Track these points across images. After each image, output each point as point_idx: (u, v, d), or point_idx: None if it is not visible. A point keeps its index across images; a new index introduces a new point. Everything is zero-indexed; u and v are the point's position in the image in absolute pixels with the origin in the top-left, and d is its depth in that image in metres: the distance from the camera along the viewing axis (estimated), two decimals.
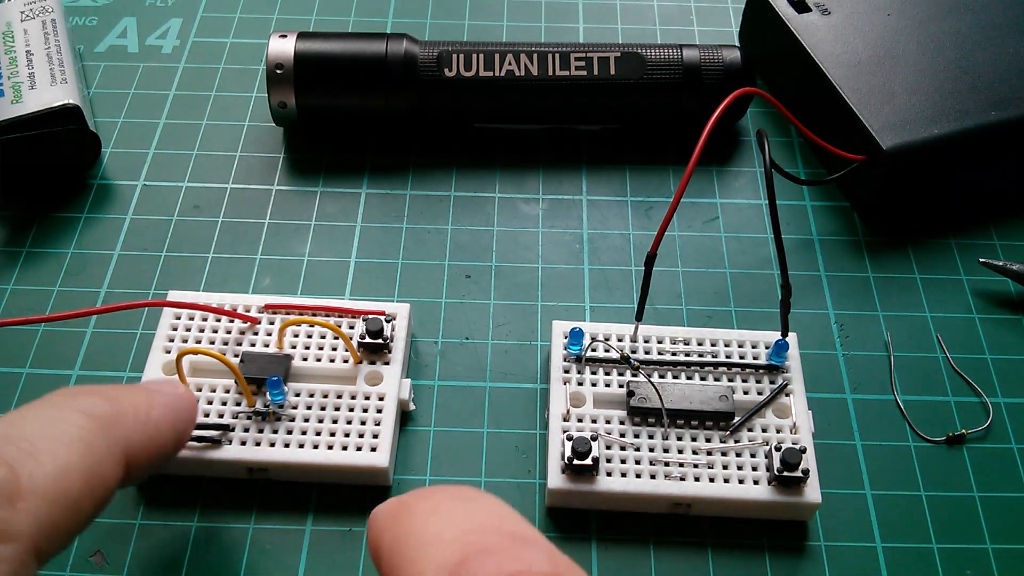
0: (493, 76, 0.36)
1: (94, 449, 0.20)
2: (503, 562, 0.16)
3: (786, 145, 0.38)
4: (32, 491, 0.18)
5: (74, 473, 0.19)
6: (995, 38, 0.36)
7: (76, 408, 0.21)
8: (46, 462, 0.19)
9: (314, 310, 0.30)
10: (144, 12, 0.43)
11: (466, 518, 0.18)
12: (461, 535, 0.17)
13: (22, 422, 0.20)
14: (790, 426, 0.28)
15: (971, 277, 0.34)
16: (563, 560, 0.17)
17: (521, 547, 0.17)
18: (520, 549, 0.17)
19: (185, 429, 0.24)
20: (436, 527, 0.18)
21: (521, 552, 0.16)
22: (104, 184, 0.36)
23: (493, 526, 0.18)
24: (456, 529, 0.17)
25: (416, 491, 0.20)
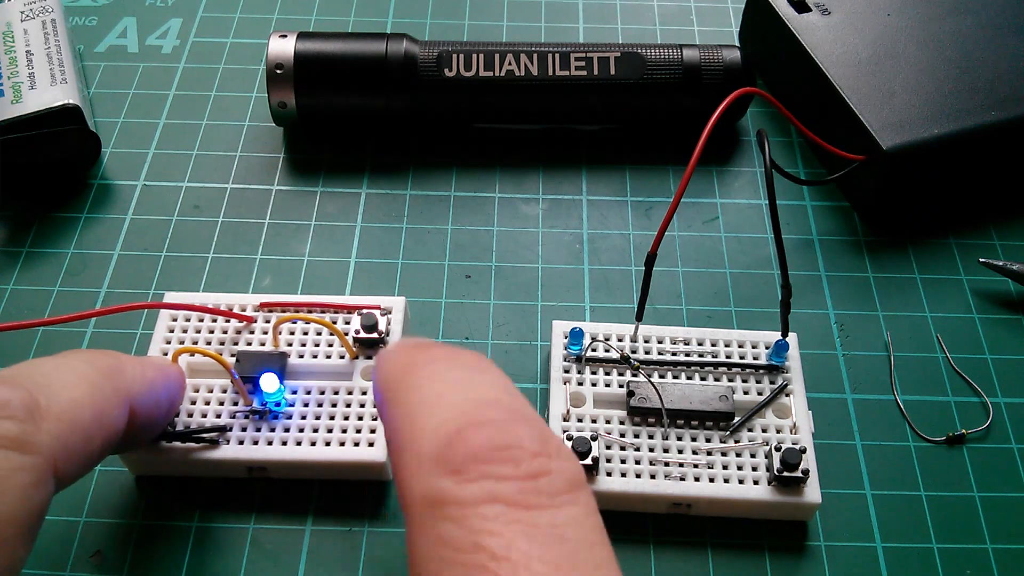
0: (493, 76, 0.36)
1: (101, 389, 0.22)
2: (496, 435, 0.17)
3: (786, 145, 0.38)
4: (49, 413, 0.20)
5: (85, 407, 0.21)
6: (995, 38, 0.36)
7: (82, 358, 0.23)
8: (60, 392, 0.21)
9: (309, 307, 0.30)
10: (144, 12, 0.43)
11: (469, 388, 0.19)
12: (461, 403, 0.18)
13: (35, 364, 0.22)
14: (790, 426, 0.28)
15: (971, 277, 0.34)
16: (554, 441, 0.18)
17: (516, 422, 0.18)
18: (515, 424, 0.18)
19: (175, 395, 0.27)
20: (440, 392, 0.19)
21: (515, 427, 0.17)
22: (104, 184, 0.36)
23: (493, 399, 0.18)
24: (458, 397, 0.18)
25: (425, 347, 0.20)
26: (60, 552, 0.27)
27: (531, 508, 0.16)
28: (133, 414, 0.23)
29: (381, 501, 0.28)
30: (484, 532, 0.16)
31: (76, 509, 0.28)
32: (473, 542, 0.16)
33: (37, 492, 0.20)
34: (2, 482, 0.19)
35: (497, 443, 0.17)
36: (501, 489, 0.16)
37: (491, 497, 0.16)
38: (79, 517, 0.28)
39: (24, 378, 0.21)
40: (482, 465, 0.17)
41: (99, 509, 0.28)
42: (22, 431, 0.20)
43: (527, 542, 0.16)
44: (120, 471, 0.28)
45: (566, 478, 0.17)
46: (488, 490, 0.16)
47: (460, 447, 0.17)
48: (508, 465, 0.17)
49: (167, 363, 0.27)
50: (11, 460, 0.19)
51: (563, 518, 0.16)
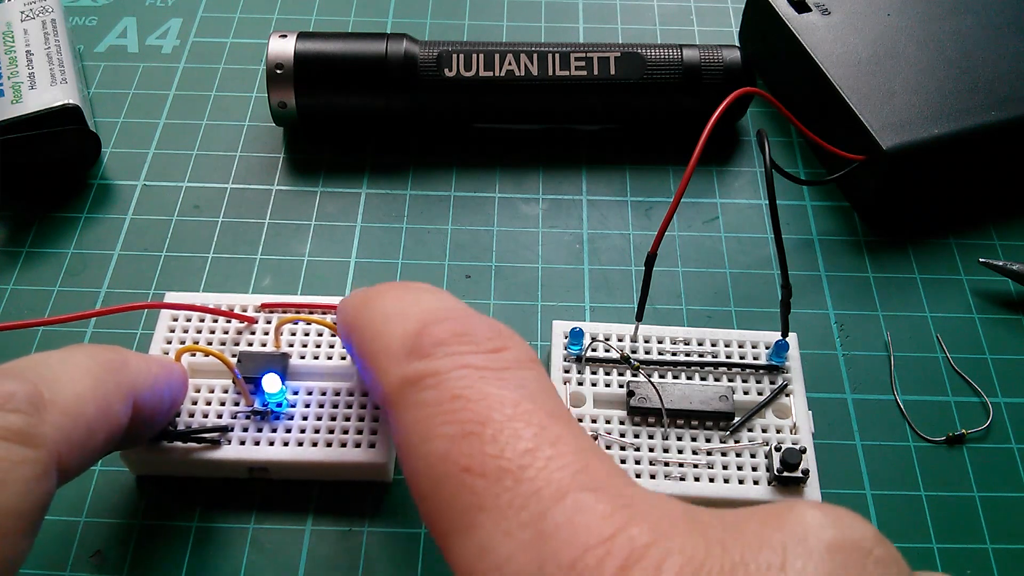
0: (493, 76, 0.36)
1: (105, 384, 0.22)
2: (455, 326, 0.20)
3: (786, 145, 0.38)
4: (54, 407, 0.21)
5: (89, 401, 0.21)
6: (995, 38, 0.36)
7: (86, 352, 0.23)
8: (65, 386, 0.21)
9: (310, 308, 0.30)
10: (144, 12, 0.43)
11: (424, 302, 0.22)
12: (420, 312, 0.21)
13: (40, 357, 0.22)
14: (790, 426, 0.28)
15: (971, 277, 0.34)
16: (507, 330, 0.21)
17: (471, 318, 0.21)
18: (470, 319, 0.21)
19: (178, 393, 0.27)
20: (400, 306, 0.22)
21: (471, 321, 0.21)
22: (104, 184, 0.36)
23: (448, 307, 0.22)
24: (417, 307, 0.22)
25: (379, 284, 0.24)
26: (60, 552, 0.27)
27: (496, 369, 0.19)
28: (136, 410, 0.24)
29: (381, 501, 0.28)
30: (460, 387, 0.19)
31: (76, 509, 0.28)
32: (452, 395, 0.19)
33: (40, 485, 0.20)
34: (6, 474, 0.19)
35: (457, 331, 0.20)
36: (468, 360, 0.19)
37: (461, 365, 0.19)
38: (79, 517, 0.28)
39: (29, 371, 0.21)
40: (447, 347, 0.20)
41: (99, 509, 0.28)
42: (26, 424, 0.20)
43: (497, 388, 0.19)
44: (120, 471, 0.28)
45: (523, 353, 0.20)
46: (457, 361, 0.19)
47: (426, 338, 0.20)
48: (470, 345, 0.20)
49: (170, 361, 0.27)
50: (15, 453, 0.19)
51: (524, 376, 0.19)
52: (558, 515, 0.16)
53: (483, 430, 0.18)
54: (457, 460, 0.18)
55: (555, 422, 0.18)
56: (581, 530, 0.16)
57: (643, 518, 0.16)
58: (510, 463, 0.17)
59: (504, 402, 0.18)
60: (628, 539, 0.15)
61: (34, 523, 0.20)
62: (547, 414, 0.18)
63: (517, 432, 0.18)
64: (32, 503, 0.19)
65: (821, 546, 0.15)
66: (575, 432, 0.18)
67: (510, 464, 0.17)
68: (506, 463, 0.17)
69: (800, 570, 0.15)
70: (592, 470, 0.17)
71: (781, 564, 0.15)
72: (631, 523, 0.16)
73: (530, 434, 0.18)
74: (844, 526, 0.16)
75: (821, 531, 0.16)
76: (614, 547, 0.15)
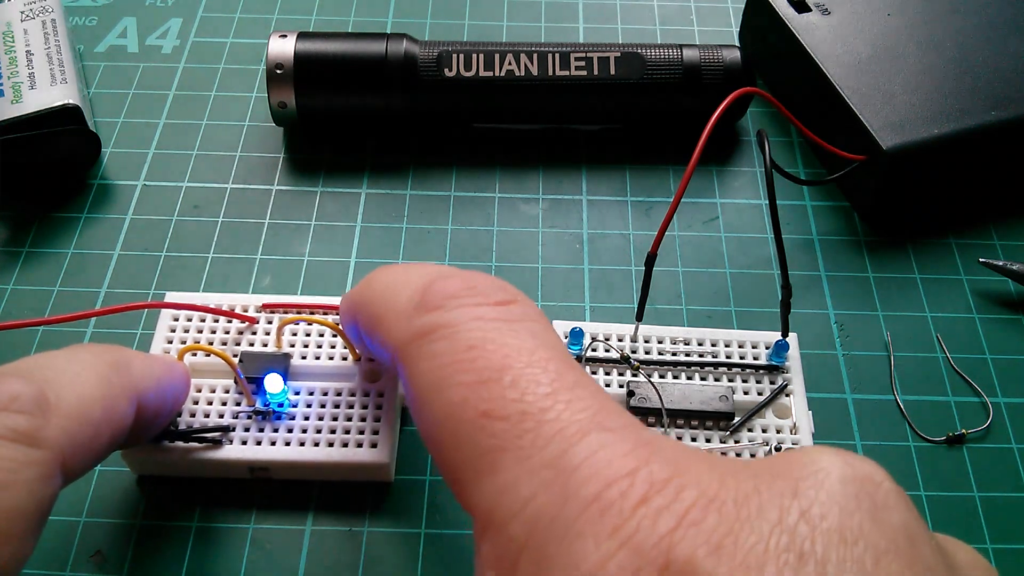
0: (493, 76, 0.36)
1: (110, 383, 0.22)
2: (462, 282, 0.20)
3: (786, 145, 0.38)
4: (59, 409, 0.21)
5: (94, 402, 0.21)
6: (995, 38, 0.36)
7: (92, 352, 0.23)
8: (70, 387, 0.21)
9: (312, 308, 0.30)
10: (144, 12, 0.43)
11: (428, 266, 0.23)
12: (424, 272, 0.22)
13: (45, 358, 0.22)
14: (790, 426, 0.28)
15: (971, 277, 0.34)
16: (511, 287, 0.21)
17: (476, 276, 0.21)
18: (475, 276, 0.21)
19: (180, 393, 0.27)
20: (403, 275, 0.22)
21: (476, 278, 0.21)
22: (104, 184, 0.36)
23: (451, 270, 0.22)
24: (419, 271, 0.22)
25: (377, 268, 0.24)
26: (60, 552, 0.27)
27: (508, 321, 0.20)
28: (140, 410, 0.24)
29: (382, 501, 0.28)
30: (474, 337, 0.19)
31: (76, 509, 0.28)
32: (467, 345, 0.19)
33: (45, 487, 0.20)
34: (11, 476, 0.19)
35: (465, 286, 0.20)
36: (480, 312, 0.20)
37: (473, 317, 0.19)
38: (79, 517, 0.28)
39: (35, 372, 0.21)
40: (457, 299, 0.20)
41: (99, 509, 0.28)
42: (32, 426, 0.20)
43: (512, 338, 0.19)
44: (120, 471, 0.28)
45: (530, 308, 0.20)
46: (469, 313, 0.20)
47: (435, 293, 0.20)
48: (479, 298, 0.20)
49: (173, 360, 0.27)
50: (20, 454, 0.19)
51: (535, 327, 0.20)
52: (581, 451, 0.16)
53: (502, 376, 0.18)
54: (476, 405, 0.18)
55: (570, 369, 0.19)
56: (603, 465, 0.16)
57: (662, 455, 0.16)
58: (531, 405, 0.17)
59: (521, 350, 0.19)
60: (648, 473, 0.16)
61: (38, 524, 0.20)
62: (563, 363, 0.19)
63: (536, 377, 0.18)
64: (36, 504, 0.19)
65: (832, 477, 0.16)
66: (588, 380, 0.19)
67: (531, 407, 0.17)
68: (527, 406, 0.17)
69: (812, 497, 0.15)
70: (610, 413, 0.18)
71: (794, 491, 0.15)
72: (651, 459, 0.16)
73: (548, 379, 0.18)
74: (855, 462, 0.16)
75: (832, 466, 0.16)
76: (636, 480, 0.16)
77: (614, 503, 0.15)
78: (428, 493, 0.28)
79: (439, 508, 0.28)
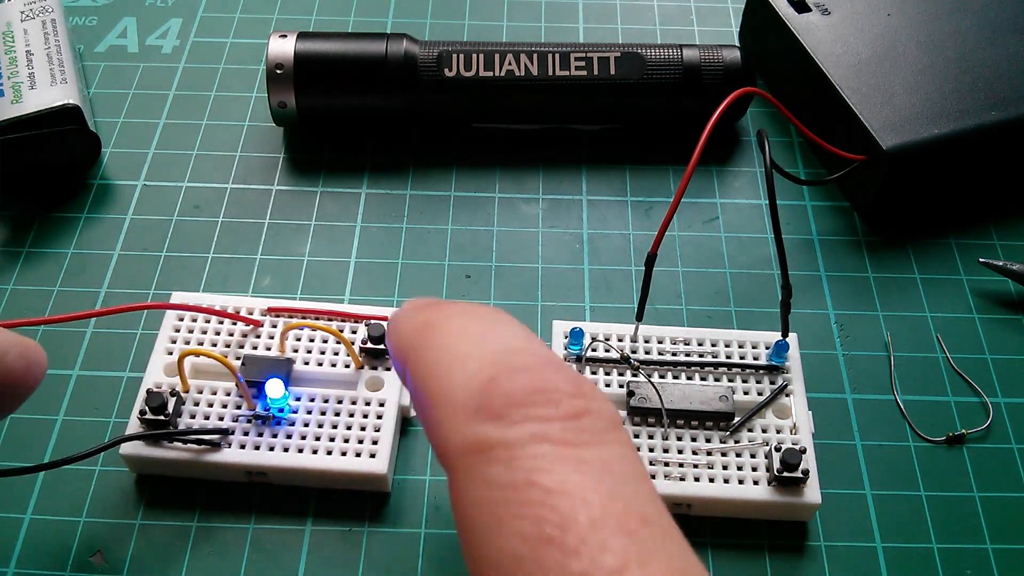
0: (493, 76, 0.36)
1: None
2: (531, 380, 0.17)
3: (786, 145, 0.38)
4: None
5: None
6: (995, 38, 0.36)
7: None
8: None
9: (317, 314, 0.30)
10: (144, 12, 0.43)
11: (494, 338, 0.19)
12: (491, 354, 0.18)
13: None
14: (790, 426, 0.28)
15: (971, 277, 0.34)
16: (588, 384, 0.18)
17: (548, 367, 0.18)
18: (548, 369, 0.18)
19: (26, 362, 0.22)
20: (467, 345, 0.19)
21: (549, 372, 0.18)
22: (104, 184, 0.36)
23: (520, 347, 0.19)
24: (485, 348, 0.18)
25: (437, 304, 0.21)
26: (60, 552, 0.27)
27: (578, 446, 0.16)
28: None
29: (382, 501, 0.28)
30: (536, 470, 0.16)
31: (76, 509, 0.28)
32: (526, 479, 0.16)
33: None
34: None
35: (534, 387, 0.17)
36: (546, 430, 0.17)
37: (537, 437, 0.16)
38: (79, 517, 0.28)
39: None
40: (523, 409, 0.17)
41: (99, 509, 0.28)
42: None
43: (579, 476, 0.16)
44: (120, 471, 0.28)
45: (606, 418, 0.17)
46: (533, 431, 0.17)
47: (498, 394, 0.17)
48: (549, 407, 0.17)
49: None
50: None
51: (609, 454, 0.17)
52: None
53: (563, 536, 0.15)
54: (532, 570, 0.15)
55: (646, 528, 0.16)
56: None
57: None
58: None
59: (588, 499, 0.16)
60: None
61: None
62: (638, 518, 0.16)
63: (604, 544, 0.15)
64: None
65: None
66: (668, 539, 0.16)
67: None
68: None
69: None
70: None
71: None
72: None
73: (619, 547, 0.15)
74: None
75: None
76: None
77: None
78: (428, 494, 0.28)
79: (439, 509, 0.28)
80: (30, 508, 0.28)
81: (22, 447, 0.29)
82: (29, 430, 0.29)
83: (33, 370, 0.22)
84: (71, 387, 0.30)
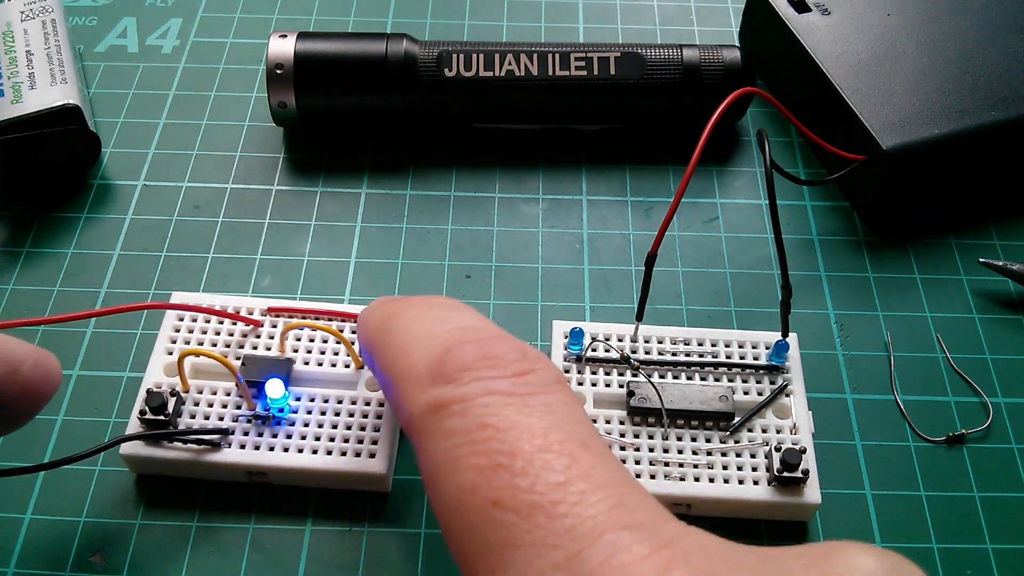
0: (493, 76, 0.36)
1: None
2: (479, 348, 0.20)
3: (786, 145, 0.38)
4: None
5: None
6: (995, 38, 0.36)
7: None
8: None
9: (317, 314, 0.30)
10: (144, 12, 0.43)
11: (448, 321, 0.21)
12: (444, 332, 0.21)
13: None
14: (790, 426, 0.28)
15: (971, 277, 0.34)
16: (532, 351, 0.20)
17: (496, 339, 0.20)
18: (495, 341, 0.20)
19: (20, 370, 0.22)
20: (424, 326, 0.21)
21: (496, 343, 0.20)
22: (104, 184, 0.36)
23: (472, 326, 0.21)
24: (440, 328, 0.21)
25: (400, 300, 0.23)
26: (60, 552, 0.27)
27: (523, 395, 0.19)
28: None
29: (382, 501, 0.28)
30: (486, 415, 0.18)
31: (76, 509, 0.28)
32: (478, 423, 0.18)
33: None
34: None
35: (482, 354, 0.20)
36: (494, 385, 0.19)
37: (487, 391, 0.19)
38: (79, 517, 0.28)
39: None
40: (473, 371, 0.19)
41: (99, 509, 0.28)
42: None
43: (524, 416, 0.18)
44: (120, 471, 0.28)
45: (549, 376, 0.20)
46: (483, 387, 0.19)
47: (450, 362, 0.20)
48: (496, 369, 0.19)
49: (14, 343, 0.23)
50: None
51: (552, 399, 0.19)
52: (594, 556, 0.16)
53: (512, 462, 0.17)
54: (486, 494, 0.17)
55: (586, 451, 0.18)
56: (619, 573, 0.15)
57: (683, 560, 0.16)
58: (542, 497, 0.17)
59: (533, 431, 0.18)
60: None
61: None
62: (578, 443, 0.18)
63: (548, 463, 0.17)
64: None
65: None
66: (607, 461, 0.18)
67: (542, 499, 0.17)
68: (538, 498, 0.17)
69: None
70: (628, 504, 0.17)
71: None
72: (671, 566, 0.15)
73: (562, 465, 0.17)
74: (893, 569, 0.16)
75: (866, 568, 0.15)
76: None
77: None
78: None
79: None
80: (30, 508, 0.28)
81: (22, 447, 0.29)
82: (29, 430, 0.29)
83: (50, 379, 0.23)
84: (71, 387, 0.30)
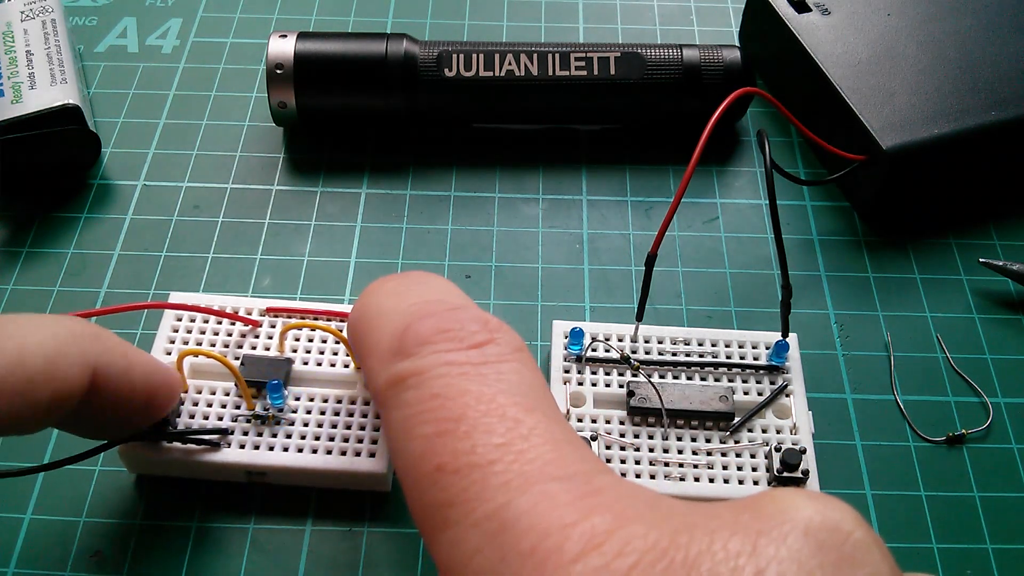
0: (493, 76, 0.36)
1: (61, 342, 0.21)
2: (438, 322, 0.20)
3: (786, 145, 0.38)
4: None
5: (36, 353, 0.21)
6: (995, 38, 0.36)
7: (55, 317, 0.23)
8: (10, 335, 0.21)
9: (316, 314, 0.30)
10: (144, 12, 0.43)
11: (412, 295, 0.22)
12: (406, 306, 0.21)
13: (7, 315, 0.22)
14: (790, 426, 0.28)
15: (971, 277, 0.34)
16: (493, 321, 0.21)
17: (456, 311, 0.21)
18: (455, 312, 0.20)
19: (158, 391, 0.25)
20: (389, 304, 0.22)
21: (455, 314, 0.20)
22: (104, 184, 0.36)
23: (435, 299, 0.21)
24: (404, 303, 0.21)
25: (379, 279, 0.24)
26: (60, 552, 0.27)
27: (477, 364, 0.19)
28: (99, 385, 0.22)
29: (382, 501, 0.28)
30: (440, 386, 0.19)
31: (76, 509, 0.28)
32: (431, 394, 0.19)
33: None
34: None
35: (440, 328, 0.20)
36: (449, 357, 0.19)
37: (443, 363, 0.19)
38: (79, 517, 0.28)
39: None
40: (431, 344, 0.20)
41: (99, 509, 0.28)
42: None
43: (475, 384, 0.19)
44: (120, 471, 0.28)
45: (507, 346, 0.20)
46: (438, 359, 0.19)
47: (410, 337, 0.20)
48: (453, 342, 0.20)
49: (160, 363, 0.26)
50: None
51: (505, 368, 0.19)
52: (521, 504, 0.16)
53: (456, 427, 0.18)
54: (431, 459, 0.18)
55: (530, 414, 0.18)
56: (542, 518, 0.16)
57: (607, 507, 0.16)
58: (480, 457, 0.17)
59: (480, 398, 0.18)
60: (589, 526, 0.15)
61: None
62: (524, 408, 0.18)
63: (490, 427, 0.18)
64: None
65: (797, 529, 0.15)
66: (551, 423, 0.18)
67: (480, 459, 0.17)
68: (476, 458, 0.17)
69: (772, 555, 0.14)
70: (564, 460, 0.17)
71: (752, 549, 0.15)
72: (594, 511, 0.16)
73: (503, 428, 0.18)
74: (825, 510, 0.16)
75: (798, 514, 0.15)
76: (573, 533, 0.15)
77: (549, 558, 0.15)
78: None
79: None
80: (30, 508, 0.28)
81: (22, 447, 0.29)
82: None
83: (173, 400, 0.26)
84: None
